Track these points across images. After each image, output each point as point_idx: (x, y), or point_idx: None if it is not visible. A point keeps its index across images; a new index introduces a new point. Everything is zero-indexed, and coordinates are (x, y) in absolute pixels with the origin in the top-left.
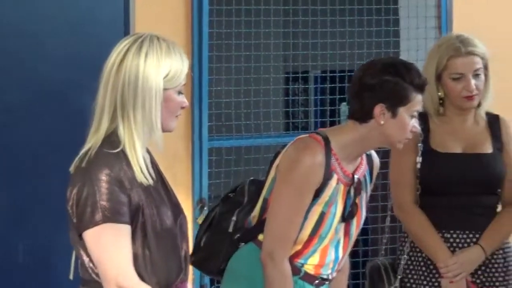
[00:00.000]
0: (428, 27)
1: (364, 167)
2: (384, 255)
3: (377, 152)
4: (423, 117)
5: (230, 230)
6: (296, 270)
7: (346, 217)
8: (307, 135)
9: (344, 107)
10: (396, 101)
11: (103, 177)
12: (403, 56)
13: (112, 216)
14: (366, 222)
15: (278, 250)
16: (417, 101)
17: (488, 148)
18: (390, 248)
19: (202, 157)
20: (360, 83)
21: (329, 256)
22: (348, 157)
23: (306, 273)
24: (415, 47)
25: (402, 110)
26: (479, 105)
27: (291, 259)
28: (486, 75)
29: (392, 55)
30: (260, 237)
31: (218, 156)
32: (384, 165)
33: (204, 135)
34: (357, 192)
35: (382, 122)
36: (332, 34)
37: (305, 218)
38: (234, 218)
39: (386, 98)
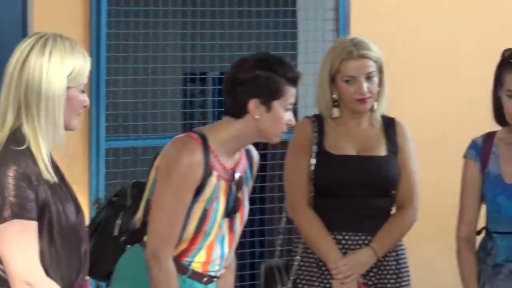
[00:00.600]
0: (326, 29)
1: (244, 162)
2: (280, 256)
3: (274, 154)
4: (319, 120)
5: (116, 233)
6: (184, 269)
7: (229, 213)
8: (185, 134)
9: None
10: (269, 95)
11: (11, 173)
12: (301, 59)
13: (20, 212)
14: (262, 223)
15: (162, 250)
16: (291, 94)
17: (383, 151)
18: (286, 249)
19: (99, 158)
20: (233, 79)
21: (215, 252)
22: (227, 153)
23: (194, 272)
24: (312, 50)
25: (276, 104)
26: (373, 108)
27: (178, 258)
28: (380, 78)
29: (290, 57)
30: (146, 238)
31: (115, 156)
32: (282, 166)
33: (102, 135)
34: (239, 187)
35: (257, 117)
36: (230, 35)
37: (188, 216)
38: (119, 221)
39: (260, 93)
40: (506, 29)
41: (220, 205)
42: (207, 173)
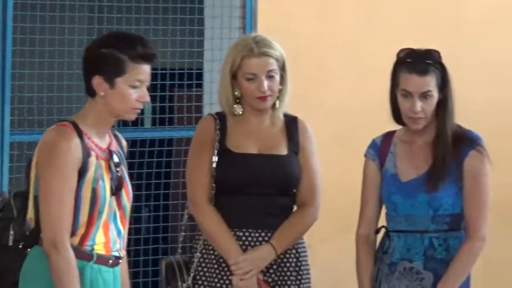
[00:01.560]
0: (232, 27)
1: (114, 143)
2: (183, 253)
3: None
4: (221, 117)
5: (11, 243)
6: (88, 256)
7: (115, 190)
8: (55, 125)
9: (148, 105)
10: (111, 72)
11: None
12: (207, 56)
13: None
14: (166, 220)
15: (58, 236)
16: (138, 72)
17: (284, 150)
18: (189, 246)
19: (3, 151)
20: (83, 59)
21: (112, 231)
22: (98, 135)
23: (98, 256)
24: (219, 47)
25: (119, 81)
26: (275, 106)
27: (80, 245)
28: (283, 76)
29: (196, 54)
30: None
31: (20, 150)
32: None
33: (6, 129)
34: (117, 166)
35: (101, 94)
36: (136, 31)
37: (79, 199)
38: (11, 232)
39: (102, 70)
40: (416, 28)
41: (106, 183)
42: (86, 154)
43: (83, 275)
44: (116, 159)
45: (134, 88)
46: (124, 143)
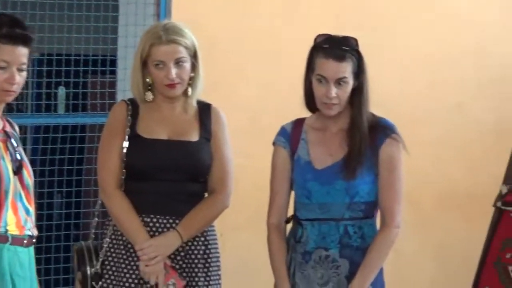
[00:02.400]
0: (146, 14)
1: (8, 126)
2: (95, 239)
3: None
4: (134, 103)
5: None
6: (4, 238)
7: (16, 170)
8: None
9: (61, 91)
10: None
11: None
12: (121, 42)
13: None
14: (78, 206)
15: None
16: (7, 52)
17: (195, 136)
18: (101, 232)
19: None
20: None
21: (20, 210)
22: None
23: (13, 237)
24: (133, 34)
25: None
26: (187, 93)
27: None
28: (194, 64)
29: (110, 40)
30: None
31: None
32: None
33: None
34: (14, 145)
35: None
36: (50, 17)
37: None
38: None
39: None
40: (334, 18)
41: (7, 164)
42: None
43: (1, 257)
44: (13, 141)
45: (1, 69)
46: (17, 128)
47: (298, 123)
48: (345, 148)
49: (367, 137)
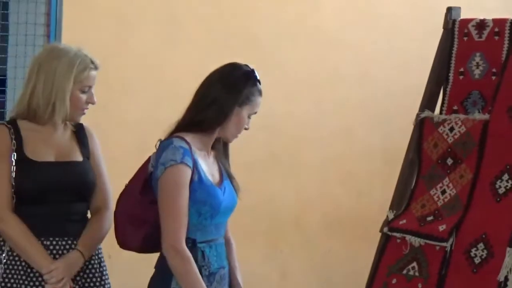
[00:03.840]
0: (37, 34)
1: None
2: None
3: None
4: (14, 125)
5: None
6: None
7: None
8: None
9: None
10: None
11: None
12: (11, 62)
13: None
14: None
15: None
16: None
17: (79, 156)
18: None
19: None
20: None
21: None
22: None
23: None
24: (23, 53)
25: None
26: None
27: None
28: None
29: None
30: None
31: None
32: None
33: None
34: None
35: None
36: None
37: None
38: None
39: None
40: (217, 43)
41: None
42: None
43: None
44: None
45: None
46: None
47: (187, 143)
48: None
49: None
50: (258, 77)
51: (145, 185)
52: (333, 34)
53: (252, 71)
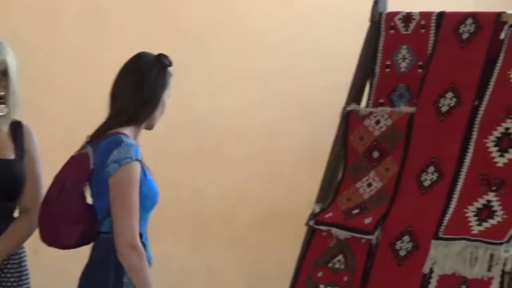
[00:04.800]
0: None
1: None
2: None
3: None
4: None
5: None
6: None
7: None
8: None
9: None
10: None
11: None
12: None
13: None
14: None
15: None
16: None
17: (11, 154)
18: None
19: None
20: None
21: None
22: None
23: None
24: None
25: None
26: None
27: None
28: (5, 83)
29: None
30: None
31: None
32: None
33: None
34: None
35: None
36: None
37: None
38: None
39: None
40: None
41: None
42: None
43: None
44: None
45: None
46: None
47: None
48: None
49: None
50: (169, 58)
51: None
52: (259, 30)
53: (160, 54)
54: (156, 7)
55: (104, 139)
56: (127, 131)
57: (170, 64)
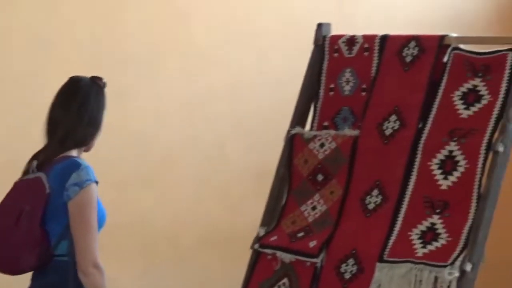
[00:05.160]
0: None
1: None
2: None
3: None
4: None
5: None
6: None
7: None
8: None
9: None
10: None
11: None
12: None
13: None
14: None
15: None
16: None
17: None
18: None
19: None
20: None
21: None
22: None
23: None
24: None
25: None
26: None
27: None
28: None
29: None
30: None
31: None
32: None
33: None
34: None
35: None
36: None
37: None
38: None
39: None
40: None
41: None
42: None
43: None
44: None
45: None
46: None
47: None
48: None
49: None
50: (103, 79)
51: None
52: (205, 52)
53: (93, 76)
54: (101, 32)
55: (57, 163)
56: (75, 154)
57: (105, 85)
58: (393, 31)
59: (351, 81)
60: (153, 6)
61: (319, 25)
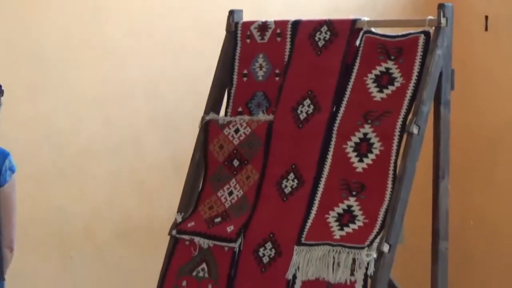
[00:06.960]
0: None
1: None
2: None
3: None
4: None
5: None
6: None
7: None
8: None
9: None
10: None
11: None
12: None
13: None
14: None
15: None
16: None
17: None
18: None
19: None
20: None
21: None
22: None
23: None
24: None
25: None
26: None
27: None
28: None
29: None
30: None
31: None
32: None
33: None
34: None
35: None
36: None
37: None
38: None
39: None
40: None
41: None
42: None
43: None
44: None
45: None
46: None
47: None
48: None
49: None
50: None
51: None
52: (121, 50)
53: None
54: (13, 28)
55: None
56: None
57: (2, 93)
58: (309, 18)
59: (264, 67)
60: (68, 4)
61: (231, 12)
